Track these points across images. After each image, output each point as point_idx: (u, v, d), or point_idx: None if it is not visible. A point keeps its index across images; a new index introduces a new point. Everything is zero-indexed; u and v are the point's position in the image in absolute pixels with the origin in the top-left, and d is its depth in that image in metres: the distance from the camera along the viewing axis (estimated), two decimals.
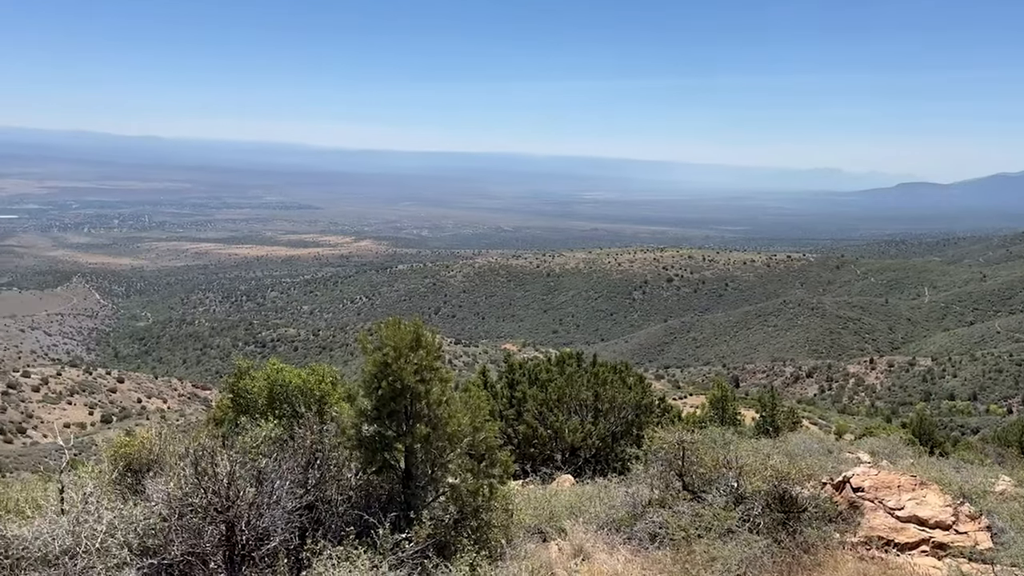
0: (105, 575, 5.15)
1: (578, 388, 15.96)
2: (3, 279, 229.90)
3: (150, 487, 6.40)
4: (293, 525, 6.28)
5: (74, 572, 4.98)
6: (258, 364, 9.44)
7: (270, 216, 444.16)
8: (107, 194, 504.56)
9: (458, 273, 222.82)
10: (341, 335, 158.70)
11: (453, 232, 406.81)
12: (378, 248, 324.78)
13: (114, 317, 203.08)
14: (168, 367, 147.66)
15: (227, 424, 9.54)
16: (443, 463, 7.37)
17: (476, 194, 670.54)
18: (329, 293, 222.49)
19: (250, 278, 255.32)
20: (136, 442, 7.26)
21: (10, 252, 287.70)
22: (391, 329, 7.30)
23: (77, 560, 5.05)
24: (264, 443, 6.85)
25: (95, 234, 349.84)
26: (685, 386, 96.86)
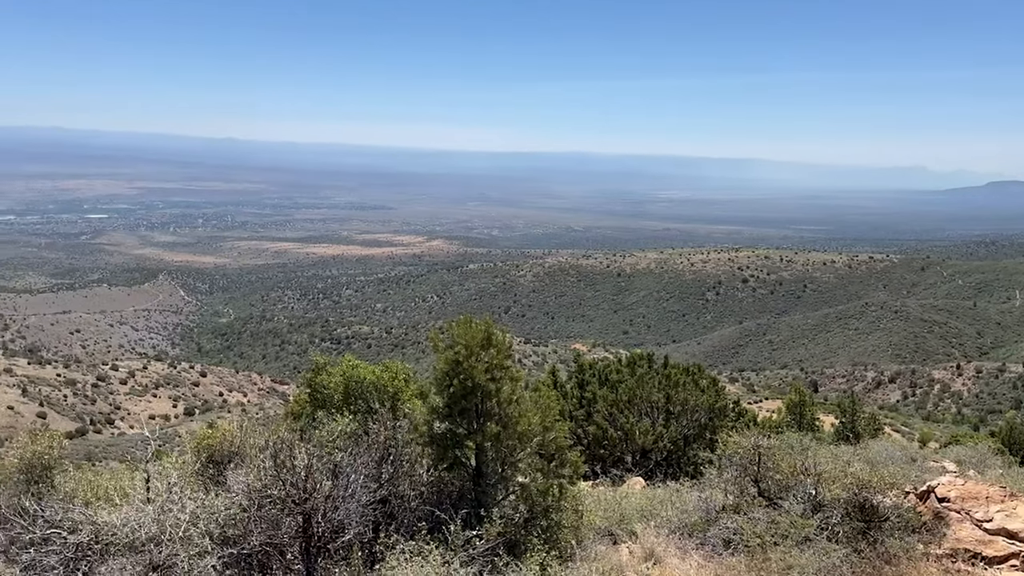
0: (188, 563, 5.34)
1: (649, 390, 15.79)
2: (94, 276, 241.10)
3: (231, 478, 6.61)
4: (367, 519, 6.40)
5: (159, 559, 5.18)
6: (334, 360, 9.65)
7: (345, 216, 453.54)
8: (192, 195, 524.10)
9: (528, 273, 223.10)
10: (413, 333, 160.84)
11: (523, 232, 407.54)
12: (449, 247, 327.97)
13: (198, 313, 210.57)
14: (248, 362, 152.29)
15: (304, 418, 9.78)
16: (513, 462, 7.39)
17: (546, 194, 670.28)
18: (402, 292, 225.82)
19: (326, 276, 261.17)
20: (218, 434, 7.52)
21: (101, 250, 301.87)
22: (463, 328, 7.36)
23: (162, 548, 5.25)
24: (340, 437, 7.00)
25: (180, 233, 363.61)
26: (760, 390, 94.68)
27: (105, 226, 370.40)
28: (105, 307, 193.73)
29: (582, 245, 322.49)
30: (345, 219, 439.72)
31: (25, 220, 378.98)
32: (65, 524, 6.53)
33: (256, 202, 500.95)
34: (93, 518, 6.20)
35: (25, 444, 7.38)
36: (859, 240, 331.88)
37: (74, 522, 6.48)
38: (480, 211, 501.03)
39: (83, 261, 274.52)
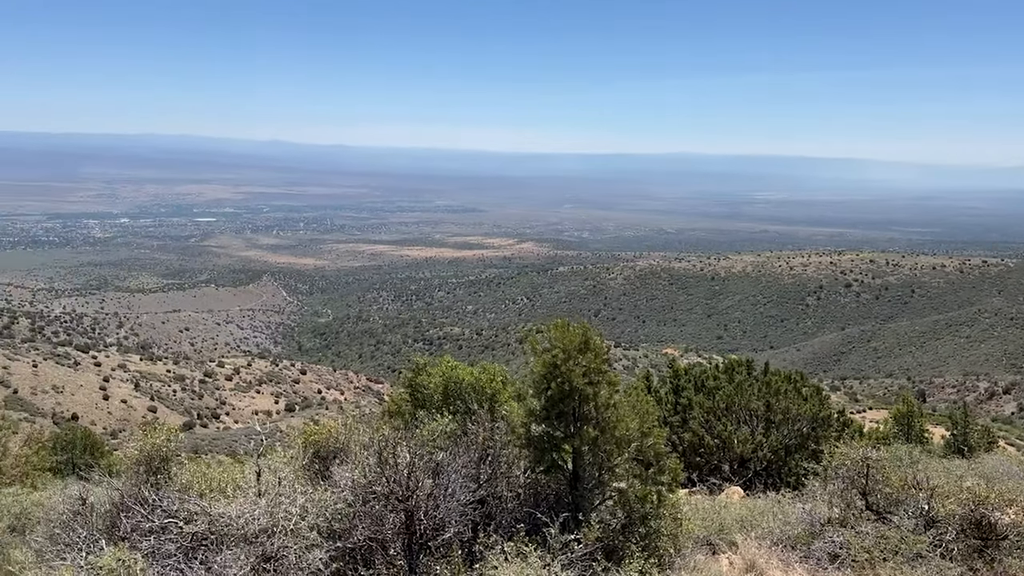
0: (298, 555, 5.53)
1: (748, 397, 15.38)
2: (202, 276, 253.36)
3: (336, 474, 6.81)
4: (467, 518, 6.48)
5: (272, 551, 5.38)
6: (433, 361, 9.81)
7: (438, 219, 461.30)
8: (294, 199, 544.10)
9: (619, 275, 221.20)
10: (503, 335, 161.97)
11: (614, 234, 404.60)
12: (539, 250, 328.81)
13: (298, 313, 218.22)
14: (345, 361, 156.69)
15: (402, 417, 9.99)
16: (610, 467, 7.33)
17: (639, 196, 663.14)
18: (492, 294, 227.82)
19: (419, 278, 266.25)
20: (323, 431, 7.76)
21: (209, 252, 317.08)
22: (560, 331, 7.35)
23: (274, 540, 5.46)
24: (440, 437, 7.11)
25: (283, 236, 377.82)
26: (863, 399, 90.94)
27: (213, 229, 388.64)
28: (212, 306, 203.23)
29: (675, 248, 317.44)
30: (438, 222, 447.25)
31: (139, 223, 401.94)
32: (181, 514, 6.88)
33: (354, 206, 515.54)
34: (208, 509, 6.51)
35: (145, 436, 7.80)
36: (971, 243, 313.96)
37: (190, 512, 6.82)
38: (571, 214, 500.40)
39: (192, 263, 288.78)
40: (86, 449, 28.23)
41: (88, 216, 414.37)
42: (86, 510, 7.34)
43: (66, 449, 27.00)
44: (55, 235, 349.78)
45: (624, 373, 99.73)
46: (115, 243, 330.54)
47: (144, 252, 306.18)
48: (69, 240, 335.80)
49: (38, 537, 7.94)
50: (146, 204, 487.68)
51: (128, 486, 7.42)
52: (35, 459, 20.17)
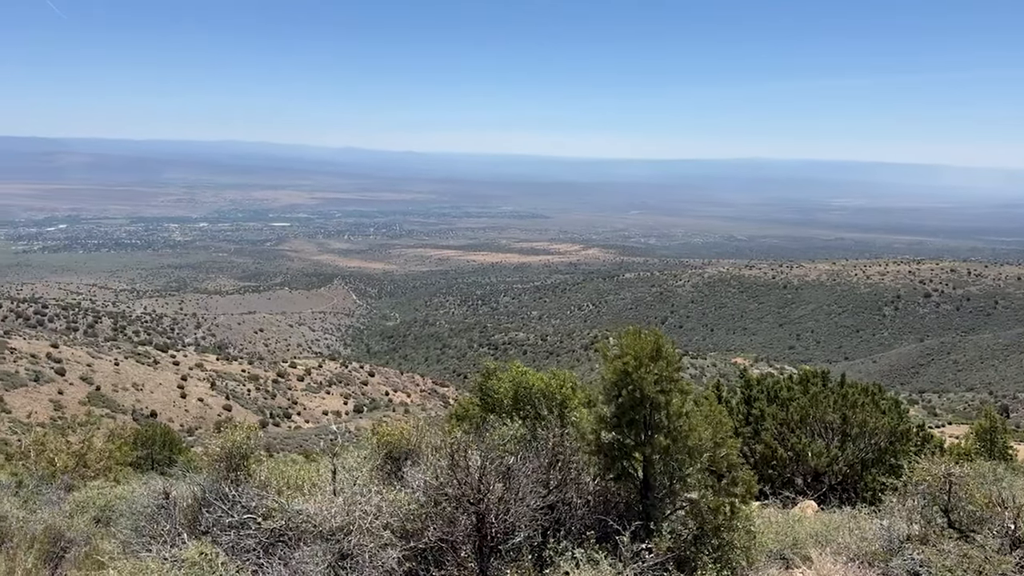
0: (373, 553, 5.63)
1: (823, 409, 14.96)
2: (276, 279, 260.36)
3: (409, 475, 6.92)
4: (536, 523, 6.49)
5: (348, 548, 5.50)
6: (503, 366, 9.86)
7: (505, 225, 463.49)
8: (365, 204, 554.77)
9: (686, 283, 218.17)
10: (567, 341, 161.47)
11: (683, 241, 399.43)
12: (605, 256, 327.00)
13: (367, 316, 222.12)
14: (412, 364, 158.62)
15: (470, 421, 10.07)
16: (682, 476, 7.24)
17: (708, 202, 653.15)
18: (557, 300, 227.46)
19: (485, 283, 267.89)
20: (396, 432, 7.89)
21: (283, 256, 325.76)
22: (631, 338, 7.31)
23: (351, 538, 5.58)
24: (510, 442, 7.15)
25: (354, 241, 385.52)
26: (943, 414, 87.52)
27: (288, 234, 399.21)
28: (286, 308, 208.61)
29: (745, 255, 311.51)
30: (504, 227, 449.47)
31: (217, 227, 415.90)
32: (260, 510, 7.10)
33: (423, 211, 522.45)
34: (285, 506, 6.69)
35: (226, 434, 8.07)
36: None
37: (268, 509, 7.02)
38: (639, 220, 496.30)
39: (267, 266, 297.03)
40: (164, 445, 29.29)
41: (169, 220, 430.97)
42: (169, 504, 7.64)
43: (146, 445, 28.06)
44: (138, 238, 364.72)
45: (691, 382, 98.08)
46: (194, 246, 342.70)
47: (222, 255, 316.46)
48: (151, 243, 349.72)
49: (124, 529, 8.29)
50: (224, 209, 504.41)
51: (209, 482, 7.70)
52: (117, 454, 21.04)
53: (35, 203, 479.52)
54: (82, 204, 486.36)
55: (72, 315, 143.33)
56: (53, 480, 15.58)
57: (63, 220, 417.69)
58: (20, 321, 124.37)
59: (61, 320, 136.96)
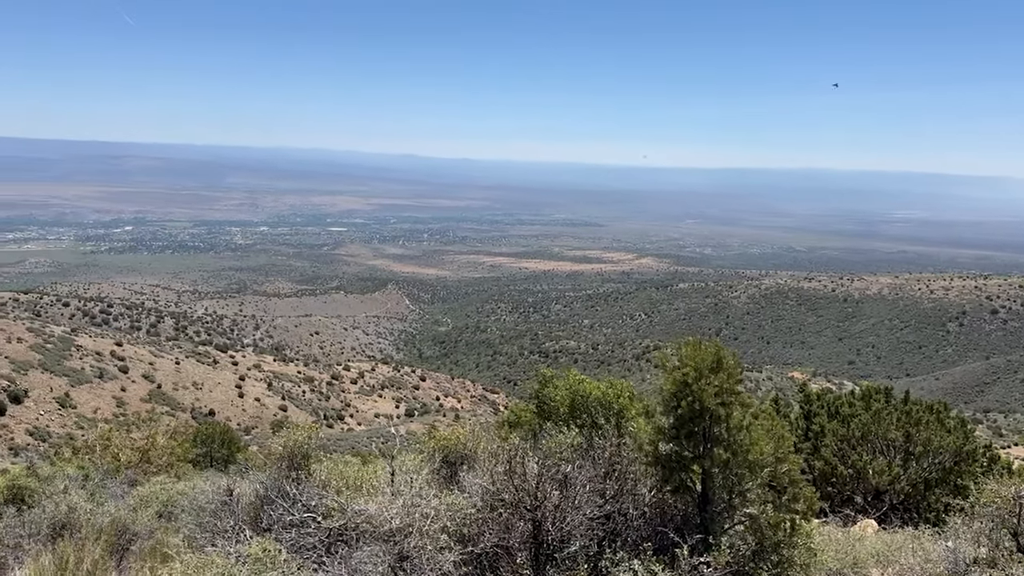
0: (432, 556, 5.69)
1: (886, 426, 14.56)
2: (332, 283, 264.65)
3: (466, 480, 6.97)
4: (593, 532, 6.47)
5: (408, 550, 5.57)
6: (559, 374, 9.86)
7: (558, 232, 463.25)
8: (420, 211, 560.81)
9: (742, 294, 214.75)
10: (619, 350, 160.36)
11: (739, 251, 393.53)
12: (659, 265, 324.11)
13: (420, 321, 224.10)
14: (463, 369, 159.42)
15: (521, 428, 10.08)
16: (742, 491, 7.14)
17: (766, 211, 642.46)
18: (609, 308, 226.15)
19: (537, 291, 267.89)
20: (453, 436, 7.96)
21: (339, 260, 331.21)
22: (691, 349, 7.24)
23: (411, 539, 5.65)
24: (567, 450, 7.15)
25: (408, 246, 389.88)
26: (1009, 434, 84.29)
27: (344, 238, 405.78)
28: (341, 312, 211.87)
29: (804, 267, 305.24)
30: (557, 235, 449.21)
31: (277, 231, 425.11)
32: (320, 509, 7.23)
33: (476, 218, 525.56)
34: (345, 506, 6.81)
35: (288, 433, 8.26)
36: None
37: (328, 508, 7.15)
38: (694, 229, 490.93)
39: (324, 270, 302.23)
40: (223, 443, 30.05)
41: (231, 224, 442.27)
42: (233, 501, 7.84)
43: (205, 443, 28.84)
44: (200, 241, 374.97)
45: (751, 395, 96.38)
46: (255, 249, 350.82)
47: (281, 259, 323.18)
48: (213, 246, 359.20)
49: (188, 524, 8.53)
50: (284, 213, 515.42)
51: (271, 480, 7.87)
52: (179, 451, 21.67)
53: (103, 205, 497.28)
54: (147, 207, 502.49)
55: (136, 314, 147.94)
56: (117, 474, 16.09)
57: (129, 222, 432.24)
58: (86, 319, 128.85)
59: (125, 319, 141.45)
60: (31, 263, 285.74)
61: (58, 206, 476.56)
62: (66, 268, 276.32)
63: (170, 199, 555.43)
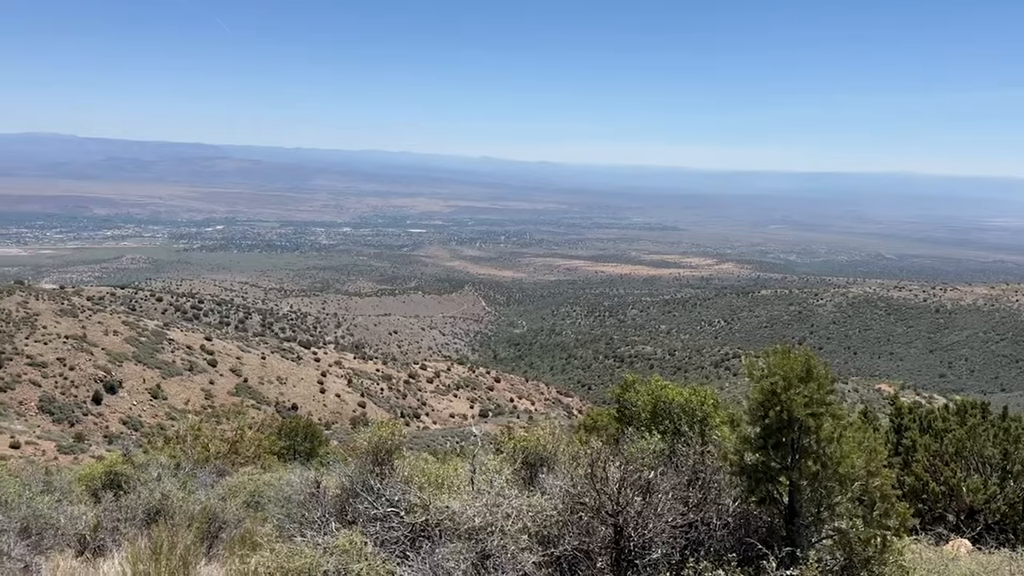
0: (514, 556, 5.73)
1: (982, 443, 13.87)
2: (411, 284, 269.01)
3: (547, 482, 6.99)
4: (675, 540, 6.40)
5: (491, 548, 5.63)
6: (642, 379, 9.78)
7: (635, 236, 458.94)
8: (498, 213, 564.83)
9: (828, 302, 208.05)
10: (697, 357, 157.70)
11: (825, 258, 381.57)
12: (740, 271, 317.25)
13: (495, 323, 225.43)
14: (537, 372, 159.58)
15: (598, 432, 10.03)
16: (831, 504, 6.93)
17: (854, 217, 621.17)
18: (687, 314, 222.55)
19: (613, 295, 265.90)
20: (533, 438, 8.00)
21: (418, 261, 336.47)
22: (780, 357, 7.07)
23: (493, 538, 5.71)
24: (649, 455, 7.08)
25: (485, 248, 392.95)
26: None
27: (423, 240, 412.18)
28: (419, 312, 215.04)
29: (893, 275, 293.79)
30: (635, 239, 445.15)
31: (359, 232, 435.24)
32: (402, 505, 7.37)
33: (554, 221, 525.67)
34: (427, 502, 6.92)
35: (373, 429, 8.45)
36: None
37: (410, 504, 7.29)
38: (777, 235, 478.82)
39: (403, 270, 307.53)
40: (306, 437, 30.91)
41: (316, 224, 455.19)
42: (320, 493, 8.08)
43: (289, 436, 29.73)
44: (287, 240, 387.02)
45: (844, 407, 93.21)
46: (338, 250, 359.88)
47: (362, 259, 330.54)
48: (299, 245, 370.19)
49: (277, 513, 8.83)
50: (366, 214, 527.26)
51: (356, 474, 8.07)
52: (265, 443, 22.41)
53: (196, 205, 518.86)
54: (237, 207, 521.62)
55: (225, 310, 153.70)
56: (206, 464, 16.72)
57: (220, 221, 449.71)
58: (178, 314, 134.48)
59: (215, 315, 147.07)
60: (128, 259, 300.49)
61: (154, 205, 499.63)
62: (160, 265, 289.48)
63: (259, 200, 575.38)
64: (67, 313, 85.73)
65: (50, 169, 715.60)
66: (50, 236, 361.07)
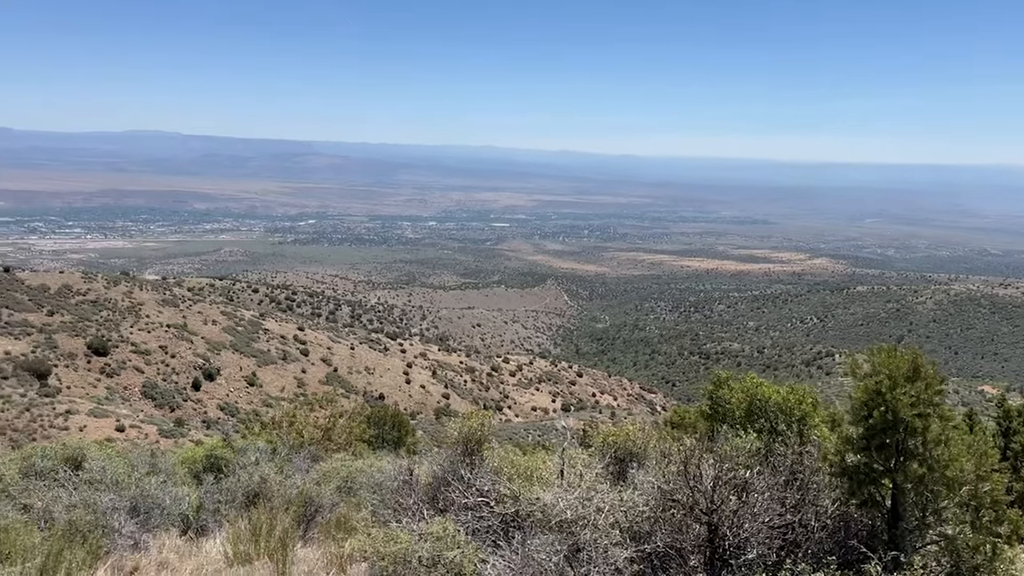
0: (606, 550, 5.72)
1: None
2: (494, 277, 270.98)
3: (638, 477, 6.93)
4: (771, 541, 6.25)
5: (584, 542, 5.63)
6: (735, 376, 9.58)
7: (723, 230, 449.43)
8: (581, 207, 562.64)
9: (928, 299, 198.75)
10: (787, 355, 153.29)
11: (925, 253, 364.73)
12: (834, 267, 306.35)
13: (578, 317, 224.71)
14: (620, 367, 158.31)
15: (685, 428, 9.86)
16: (937, 509, 6.64)
17: (956, 211, 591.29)
18: (777, 311, 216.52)
19: (699, 290, 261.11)
20: (623, 433, 7.95)
21: (501, 255, 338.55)
22: (885, 356, 6.81)
23: (585, 531, 5.71)
24: (745, 455, 6.94)
25: (568, 242, 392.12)
26: None
27: (506, 234, 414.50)
28: (501, 306, 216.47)
29: (999, 272, 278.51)
30: (722, 233, 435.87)
31: (444, 226, 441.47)
32: (492, 495, 7.45)
33: (639, 215, 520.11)
34: (518, 494, 6.98)
35: (463, 420, 8.57)
36: None
37: (500, 494, 7.35)
38: (874, 229, 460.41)
39: (486, 264, 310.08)
40: (394, 426, 31.57)
41: (402, 218, 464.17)
42: (413, 480, 8.25)
43: (377, 425, 30.43)
44: (375, 234, 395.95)
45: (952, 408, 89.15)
46: (423, 243, 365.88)
47: (447, 253, 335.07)
48: (386, 239, 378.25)
49: (372, 499, 9.06)
50: (451, 209, 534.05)
51: (447, 463, 8.21)
52: (356, 431, 23.02)
53: (289, 200, 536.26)
54: (328, 202, 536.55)
55: (317, 302, 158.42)
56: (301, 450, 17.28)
57: (312, 216, 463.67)
58: (273, 305, 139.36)
59: (307, 306, 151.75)
60: (226, 252, 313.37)
61: (249, 200, 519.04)
62: (256, 257, 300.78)
63: (348, 194, 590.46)
64: (169, 303, 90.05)
65: (153, 165, 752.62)
66: (153, 229, 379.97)
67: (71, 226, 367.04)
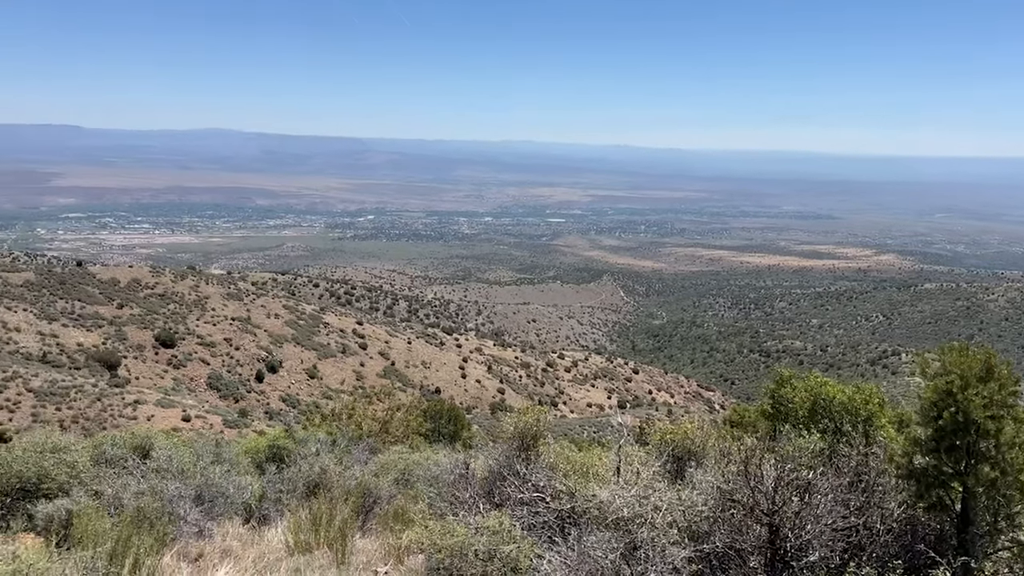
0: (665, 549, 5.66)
1: None
2: (549, 273, 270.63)
3: (697, 476, 6.84)
4: (834, 544, 6.10)
5: (641, 540, 5.58)
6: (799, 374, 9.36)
7: (784, 226, 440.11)
8: (637, 202, 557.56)
9: (1000, 297, 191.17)
10: (852, 354, 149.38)
11: (998, 249, 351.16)
12: (901, 263, 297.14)
13: (634, 314, 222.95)
14: (677, 364, 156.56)
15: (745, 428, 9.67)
16: (1009, 514, 6.38)
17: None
18: (842, 308, 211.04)
19: (759, 287, 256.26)
20: (681, 431, 7.85)
21: (557, 251, 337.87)
22: (956, 355, 6.56)
23: (643, 530, 5.66)
24: (808, 455, 6.78)
25: (624, 238, 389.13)
26: None
27: (562, 229, 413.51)
28: (557, 301, 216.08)
29: None
30: (784, 228, 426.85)
31: (500, 221, 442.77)
32: (547, 491, 7.44)
33: (696, 210, 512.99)
34: (573, 490, 6.96)
35: (519, 415, 8.58)
36: None
37: (556, 490, 7.35)
38: (943, 224, 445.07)
39: (541, 259, 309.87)
40: (450, 420, 31.84)
41: (459, 214, 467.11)
42: (469, 474, 8.30)
43: (433, 418, 30.73)
44: (431, 230, 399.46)
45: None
46: (479, 239, 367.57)
47: (502, 248, 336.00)
48: (443, 235, 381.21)
49: (429, 492, 9.15)
50: (506, 204, 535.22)
51: (503, 458, 8.23)
52: (413, 424, 23.30)
53: (348, 196, 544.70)
54: (386, 198, 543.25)
55: (375, 296, 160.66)
56: (360, 442, 17.55)
57: (371, 212, 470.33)
58: (333, 299, 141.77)
59: (365, 300, 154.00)
60: (288, 247, 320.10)
61: (310, 196, 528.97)
62: (317, 252, 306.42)
63: (405, 191, 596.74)
64: (233, 297, 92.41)
65: (217, 163, 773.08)
66: (219, 225, 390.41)
67: (139, 222, 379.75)
